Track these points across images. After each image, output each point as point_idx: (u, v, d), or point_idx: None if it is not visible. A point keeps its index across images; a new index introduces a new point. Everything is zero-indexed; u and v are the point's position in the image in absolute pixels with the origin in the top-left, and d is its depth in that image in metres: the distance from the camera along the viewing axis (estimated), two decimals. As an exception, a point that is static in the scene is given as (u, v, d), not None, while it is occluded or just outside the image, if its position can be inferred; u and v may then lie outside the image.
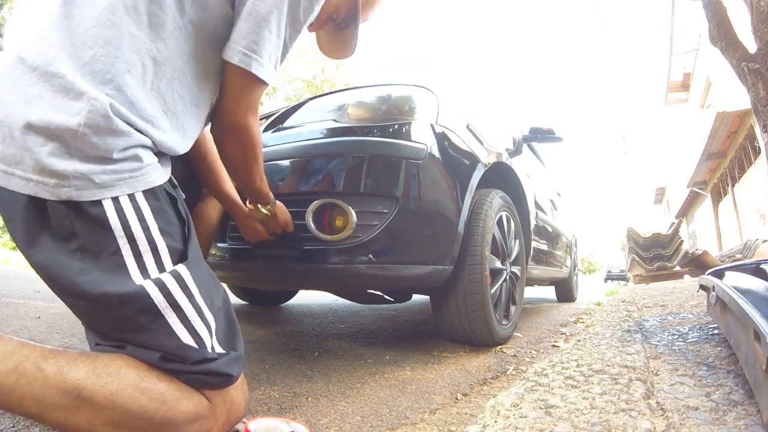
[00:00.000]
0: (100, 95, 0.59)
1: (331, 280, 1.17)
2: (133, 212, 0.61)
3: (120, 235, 0.59)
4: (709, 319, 1.49)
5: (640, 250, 6.62)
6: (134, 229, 0.60)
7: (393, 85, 1.36)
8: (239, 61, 0.69)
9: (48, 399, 0.52)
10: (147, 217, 0.62)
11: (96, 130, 0.58)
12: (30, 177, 0.57)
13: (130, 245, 0.60)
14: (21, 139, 0.57)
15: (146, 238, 0.61)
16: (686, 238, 15.30)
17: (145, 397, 0.56)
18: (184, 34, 0.67)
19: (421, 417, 0.88)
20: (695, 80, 12.00)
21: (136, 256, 0.60)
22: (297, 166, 1.18)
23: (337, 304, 2.73)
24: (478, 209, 1.44)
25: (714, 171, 11.26)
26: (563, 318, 2.59)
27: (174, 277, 0.62)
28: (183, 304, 0.61)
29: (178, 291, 0.61)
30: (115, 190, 0.60)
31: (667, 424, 0.67)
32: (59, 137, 0.57)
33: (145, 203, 0.62)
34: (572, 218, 3.95)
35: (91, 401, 0.54)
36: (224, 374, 0.62)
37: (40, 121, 0.56)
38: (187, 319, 0.61)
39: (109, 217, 0.59)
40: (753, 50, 3.01)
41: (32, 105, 0.57)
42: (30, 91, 0.58)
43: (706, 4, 3.28)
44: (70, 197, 0.57)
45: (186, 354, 0.60)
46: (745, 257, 5.38)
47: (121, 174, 0.61)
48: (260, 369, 1.16)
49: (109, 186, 0.59)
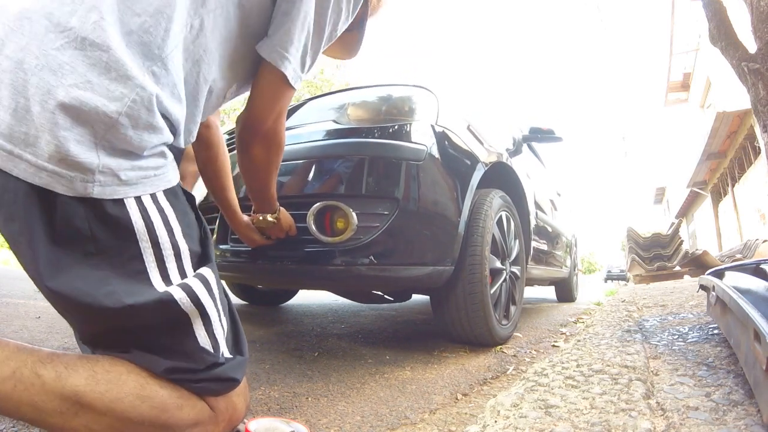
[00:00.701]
0: (148, 83, 0.52)
1: (332, 281, 1.17)
2: (158, 214, 0.56)
3: (144, 238, 0.54)
4: (709, 319, 1.49)
5: (640, 250, 6.62)
6: (159, 233, 0.55)
7: (393, 86, 1.36)
8: (276, 61, 0.67)
9: (46, 405, 0.50)
10: (171, 220, 0.57)
11: (135, 122, 0.52)
12: (44, 165, 0.48)
13: (153, 250, 0.55)
14: (41, 115, 0.47)
15: (170, 242, 0.57)
16: (686, 238, 15.30)
17: (145, 405, 0.54)
18: (224, 14, 0.62)
19: (421, 417, 0.88)
20: (695, 80, 12.00)
21: (158, 261, 0.56)
22: (297, 168, 1.18)
23: (337, 304, 2.73)
24: (478, 209, 1.44)
25: (714, 171, 11.26)
26: (563, 318, 2.59)
27: (201, 281, 0.58)
28: (209, 309, 0.58)
29: (206, 295, 0.58)
30: (138, 189, 0.54)
31: (667, 424, 0.67)
32: (90, 123, 0.49)
33: (168, 204, 0.58)
34: (572, 218, 3.95)
35: (90, 408, 0.51)
36: (230, 379, 0.60)
37: (70, 98, 0.48)
38: (210, 324, 0.59)
39: (133, 218, 0.54)
40: (753, 50, 3.01)
41: (59, 76, 0.48)
42: (58, 57, 0.48)
43: (706, 4, 3.28)
44: (92, 194, 0.50)
45: (200, 357, 0.57)
46: (745, 257, 5.38)
47: (146, 171, 0.55)
48: (260, 369, 1.16)
49: (134, 184, 0.54)
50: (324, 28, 0.72)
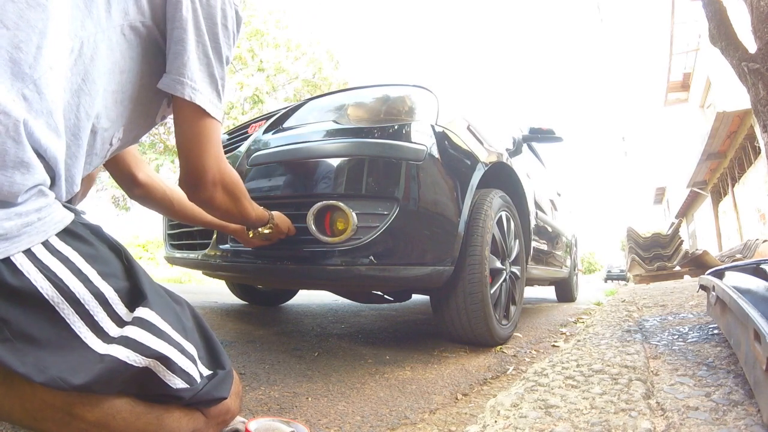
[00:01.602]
0: (15, 106, 0.43)
1: (332, 281, 1.17)
2: (62, 265, 0.47)
3: (58, 301, 0.46)
4: (709, 319, 1.49)
5: (640, 250, 6.62)
6: (72, 287, 0.47)
7: (393, 86, 1.36)
8: (183, 92, 0.61)
9: (38, 413, 0.47)
10: (80, 265, 0.49)
11: (1, 160, 0.42)
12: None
13: (74, 309, 0.47)
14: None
15: (90, 292, 0.49)
16: (686, 238, 15.31)
17: (140, 422, 0.52)
18: (106, 41, 0.55)
19: (421, 417, 0.88)
20: (695, 80, 12.00)
21: (85, 318, 0.48)
22: (298, 168, 1.18)
23: (337, 304, 2.73)
24: (478, 209, 1.44)
25: (714, 171, 11.26)
26: (563, 318, 2.59)
27: (142, 327, 0.51)
28: (165, 351, 0.51)
29: (153, 339, 0.51)
30: (23, 241, 0.44)
31: (667, 424, 0.67)
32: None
33: (68, 248, 0.49)
34: (572, 218, 3.95)
35: (83, 419, 0.49)
36: (216, 399, 0.58)
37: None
38: (174, 363, 0.52)
39: (35, 283, 0.45)
40: (753, 50, 3.01)
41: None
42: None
43: (706, 4, 3.28)
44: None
45: (179, 395, 0.54)
46: (745, 257, 5.38)
47: (27, 217, 0.45)
48: (260, 369, 1.16)
49: (15, 236, 0.44)
50: (221, 52, 0.67)
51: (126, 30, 0.58)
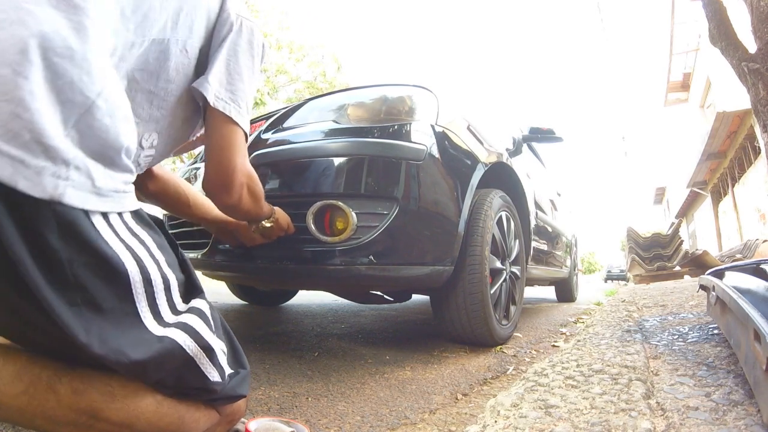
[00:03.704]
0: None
1: (332, 281, 1.17)
2: (139, 244, 0.49)
3: (136, 277, 0.47)
4: (709, 319, 1.49)
5: (640, 250, 6.61)
6: (148, 266, 0.49)
7: (393, 86, 1.36)
8: (224, 107, 0.66)
9: (60, 418, 0.47)
10: (153, 249, 0.51)
11: (113, 109, 0.45)
12: (3, 148, 0.37)
13: (145, 288, 0.49)
14: (9, 81, 0.38)
15: (160, 276, 0.50)
16: (686, 238, 15.30)
17: (163, 422, 0.52)
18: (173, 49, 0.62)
19: (421, 417, 0.88)
20: (695, 80, 12.00)
21: (150, 300, 0.49)
22: (297, 168, 1.18)
23: (337, 304, 2.73)
24: (478, 209, 1.44)
25: (714, 171, 11.26)
26: (563, 318, 2.59)
27: (198, 316, 0.54)
28: (212, 343, 0.54)
29: (206, 330, 0.54)
30: (108, 203, 0.46)
31: (667, 424, 0.67)
32: (65, 100, 0.40)
33: (143, 231, 0.52)
34: (572, 218, 3.95)
35: (107, 422, 0.49)
36: (237, 396, 0.60)
37: (46, 65, 0.40)
38: (215, 356, 0.55)
39: (117, 251, 0.46)
40: (753, 50, 3.01)
41: (35, 32, 0.40)
42: (32, 11, 0.40)
43: (706, 4, 3.28)
44: (63, 198, 0.40)
45: (211, 389, 0.56)
46: (745, 257, 5.37)
47: (116, 184, 0.48)
48: (260, 369, 1.16)
49: (105, 196, 0.45)
50: (254, 72, 0.73)
51: (187, 46, 0.64)
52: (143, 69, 0.58)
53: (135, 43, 0.56)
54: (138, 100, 0.60)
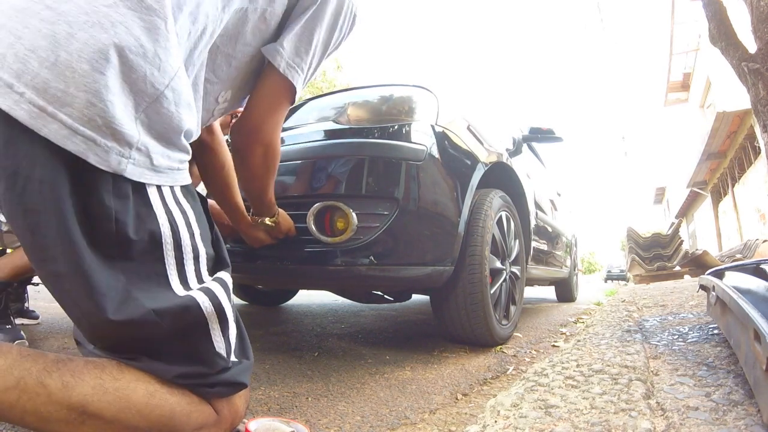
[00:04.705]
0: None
1: (332, 281, 1.18)
2: (181, 216, 0.55)
3: (168, 242, 0.52)
4: (709, 319, 1.49)
5: (640, 250, 6.62)
6: (182, 234, 0.54)
7: (393, 86, 1.36)
8: (288, 72, 0.69)
9: (51, 415, 0.47)
10: (191, 220, 0.56)
11: (179, 98, 0.50)
12: (80, 129, 0.44)
13: (175, 253, 0.53)
14: (89, 75, 0.44)
15: (191, 245, 0.55)
16: (686, 238, 15.31)
17: (154, 414, 0.52)
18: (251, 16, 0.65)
19: (421, 417, 0.88)
20: (695, 80, 12.00)
21: (178, 264, 0.54)
22: (297, 168, 1.18)
23: (337, 304, 2.73)
24: (478, 209, 1.44)
25: (714, 171, 11.26)
26: (563, 318, 2.59)
27: (221, 285, 0.57)
28: (228, 312, 0.57)
29: (225, 299, 0.57)
30: (163, 178, 0.52)
31: (667, 424, 0.67)
32: (136, 91, 0.47)
33: (187, 204, 0.57)
34: (572, 218, 3.95)
35: (98, 417, 0.49)
36: (239, 383, 0.60)
37: (122, 61, 0.45)
38: (227, 327, 0.58)
39: (159, 220, 0.51)
40: (753, 50, 3.01)
41: (112, 36, 0.45)
42: (109, 14, 0.45)
43: (706, 4, 3.29)
44: (124, 171, 0.47)
45: (213, 361, 0.56)
46: (745, 257, 5.37)
47: (172, 162, 0.53)
48: (260, 369, 1.16)
49: (161, 172, 0.52)
50: (328, 46, 0.75)
51: (266, 14, 0.67)
52: (223, 34, 0.63)
53: (222, 19, 0.61)
54: (218, 62, 0.65)
